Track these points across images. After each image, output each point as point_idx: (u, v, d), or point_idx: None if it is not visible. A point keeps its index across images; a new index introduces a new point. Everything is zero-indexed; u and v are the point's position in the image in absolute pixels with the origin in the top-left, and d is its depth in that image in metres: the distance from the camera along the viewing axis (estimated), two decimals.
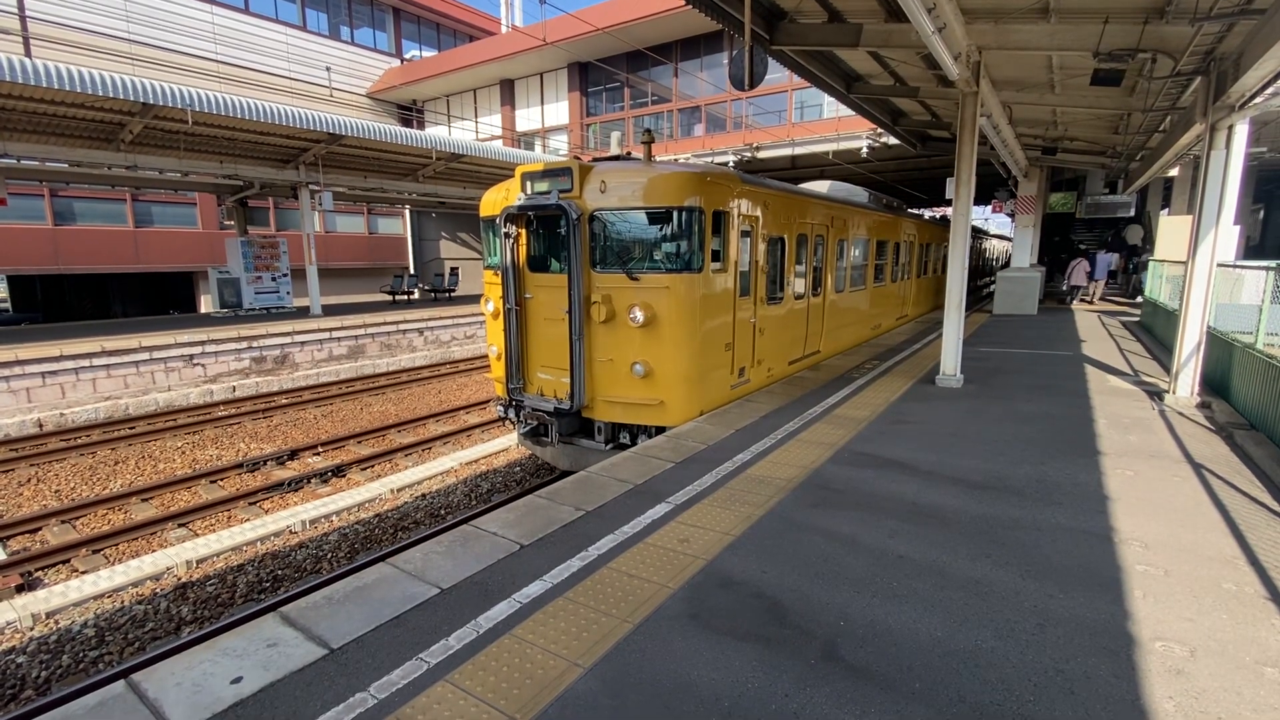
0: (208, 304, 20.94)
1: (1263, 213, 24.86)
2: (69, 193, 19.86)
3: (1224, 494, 4.52)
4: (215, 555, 6.24)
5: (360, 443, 9.95)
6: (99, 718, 2.43)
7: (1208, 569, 3.45)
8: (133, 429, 10.44)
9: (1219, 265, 6.94)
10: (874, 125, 14.70)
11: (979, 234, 25.77)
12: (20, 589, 5.68)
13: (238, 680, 2.60)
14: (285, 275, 18.95)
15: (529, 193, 6.68)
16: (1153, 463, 5.16)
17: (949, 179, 11.11)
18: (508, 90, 28.62)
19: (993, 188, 21.34)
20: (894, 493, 4.54)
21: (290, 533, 6.81)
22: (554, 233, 6.72)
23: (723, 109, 23.54)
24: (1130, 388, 7.94)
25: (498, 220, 6.82)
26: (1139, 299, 20.50)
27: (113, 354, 11.54)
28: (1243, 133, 6.58)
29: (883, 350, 10.95)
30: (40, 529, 6.92)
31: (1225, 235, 6.75)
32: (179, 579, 5.88)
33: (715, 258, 6.52)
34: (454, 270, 24.70)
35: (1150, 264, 14.64)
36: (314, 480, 8.29)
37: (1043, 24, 6.56)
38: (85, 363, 11.22)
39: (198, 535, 6.87)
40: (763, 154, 21.31)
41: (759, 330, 7.59)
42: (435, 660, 2.72)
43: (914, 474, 4.91)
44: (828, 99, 18.22)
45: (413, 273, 27.42)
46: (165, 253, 22.37)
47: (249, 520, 7.11)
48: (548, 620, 3.01)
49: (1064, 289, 21.20)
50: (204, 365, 12.83)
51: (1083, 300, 20.13)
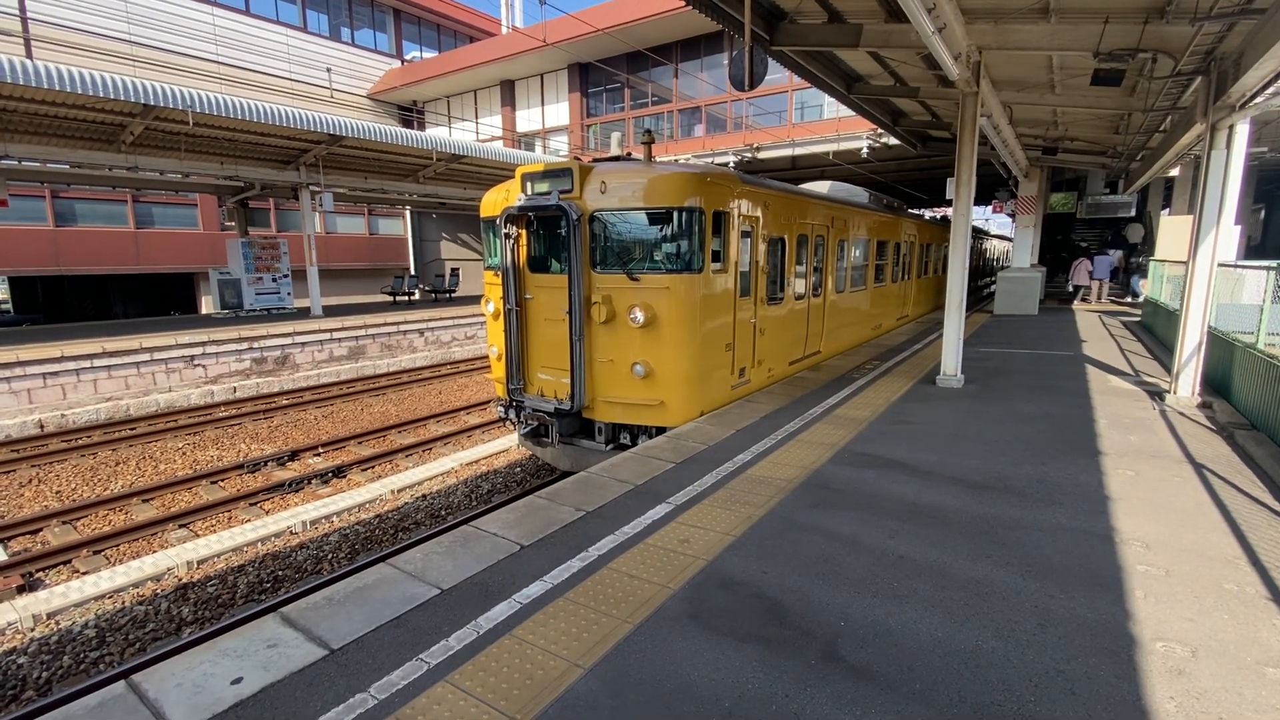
0: (208, 305, 20.98)
1: (1263, 213, 24.85)
2: (70, 194, 19.87)
3: (1225, 494, 4.51)
4: (216, 556, 6.24)
5: (361, 443, 9.96)
6: (99, 718, 2.43)
7: (1209, 569, 3.45)
8: (134, 430, 10.45)
9: (1220, 265, 6.94)
10: (874, 126, 14.69)
11: (979, 234, 25.77)
12: (21, 590, 5.68)
13: (238, 681, 2.60)
14: (286, 276, 18.96)
15: (529, 193, 6.69)
16: (1154, 463, 5.15)
17: (949, 179, 11.11)
18: (508, 91, 28.64)
19: (993, 188, 21.34)
20: (894, 493, 4.53)
21: (291, 533, 6.81)
22: (554, 233, 6.72)
23: (723, 109, 23.55)
24: (1131, 388, 7.94)
25: (498, 221, 6.82)
26: (1129, 299, 20.54)
27: (114, 355, 11.54)
28: (1243, 133, 6.58)
29: (883, 350, 10.95)
30: (41, 530, 6.93)
31: (1226, 235, 6.74)
32: (180, 580, 5.89)
33: (715, 258, 6.52)
34: (454, 271, 24.72)
35: (1151, 264, 14.63)
36: (314, 481, 8.30)
37: (1043, 24, 6.56)
38: (86, 364, 11.23)
39: (198, 536, 6.88)
40: (763, 154, 21.31)
41: (759, 331, 7.59)
42: (435, 661, 2.72)
43: (914, 474, 4.91)
44: (828, 99, 18.22)
45: (413, 273, 27.43)
46: (166, 254, 22.39)
47: (249, 521, 7.11)
48: (548, 621, 3.01)
49: (1068, 289, 21.18)
50: (205, 366, 12.84)
51: (1084, 300, 20.11)
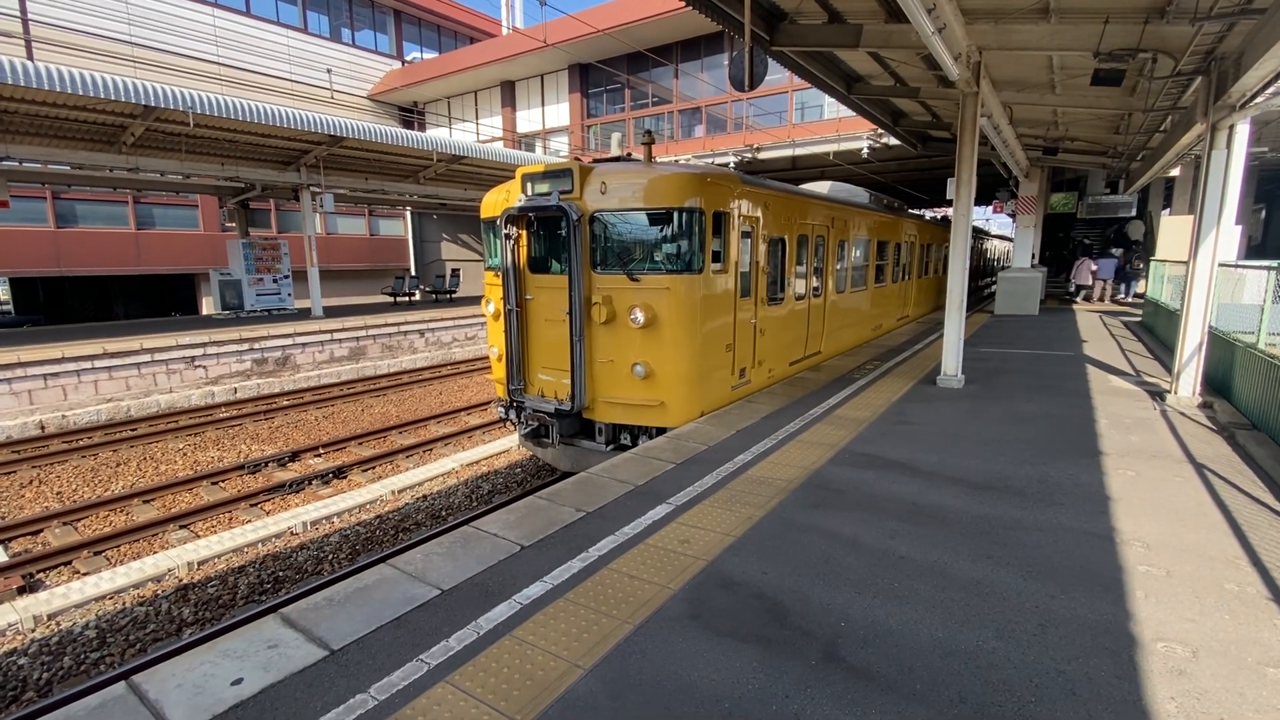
0: (209, 306, 20.99)
1: (1264, 212, 24.83)
2: (71, 195, 19.89)
3: (1226, 494, 4.51)
4: (216, 557, 6.24)
5: (361, 444, 9.96)
6: (100, 719, 2.43)
7: (1210, 569, 3.44)
8: (134, 431, 10.45)
9: (1220, 265, 6.93)
10: (874, 126, 14.69)
11: (980, 234, 25.75)
12: (22, 591, 5.68)
13: (238, 682, 2.60)
14: (287, 277, 18.98)
15: (529, 194, 6.69)
16: (1154, 463, 5.15)
17: (950, 179, 11.12)
18: (508, 92, 28.65)
19: (994, 188, 21.33)
20: (895, 493, 4.53)
21: (291, 534, 6.81)
22: (554, 234, 6.72)
23: (723, 110, 23.54)
24: (1132, 388, 7.93)
25: (498, 221, 6.83)
26: (1123, 298, 20.52)
27: (114, 356, 11.55)
28: (1244, 132, 6.57)
29: (884, 351, 10.94)
30: (42, 531, 6.93)
31: (1226, 235, 6.74)
32: (180, 580, 5.89)
33: (716, 258, 6.52)
34: (455, 272, 24.72)
35: (1152, 264, 14.62)
36: (315, 482, 8.30)
37: (1043, 24, 6.56)
38: (87, 365, 11.24)
39: (199, 537, 6.88)
40: (763, 155, 21.31)
41: (760, 331, 7.59)
42: (436, 661, 2.72)
43: (915, 474, 4.90)
44: (828, 100, 18.21)
45: (414, 274, 27.46)
46: (167, 255, 22.41)
47: (250, 522, 7.11)
48: (548, 621, 3.01)
49: (1070, 289, 21.16)
50: (205, 367, 12.84)
51: (1087, 300, 20.07)
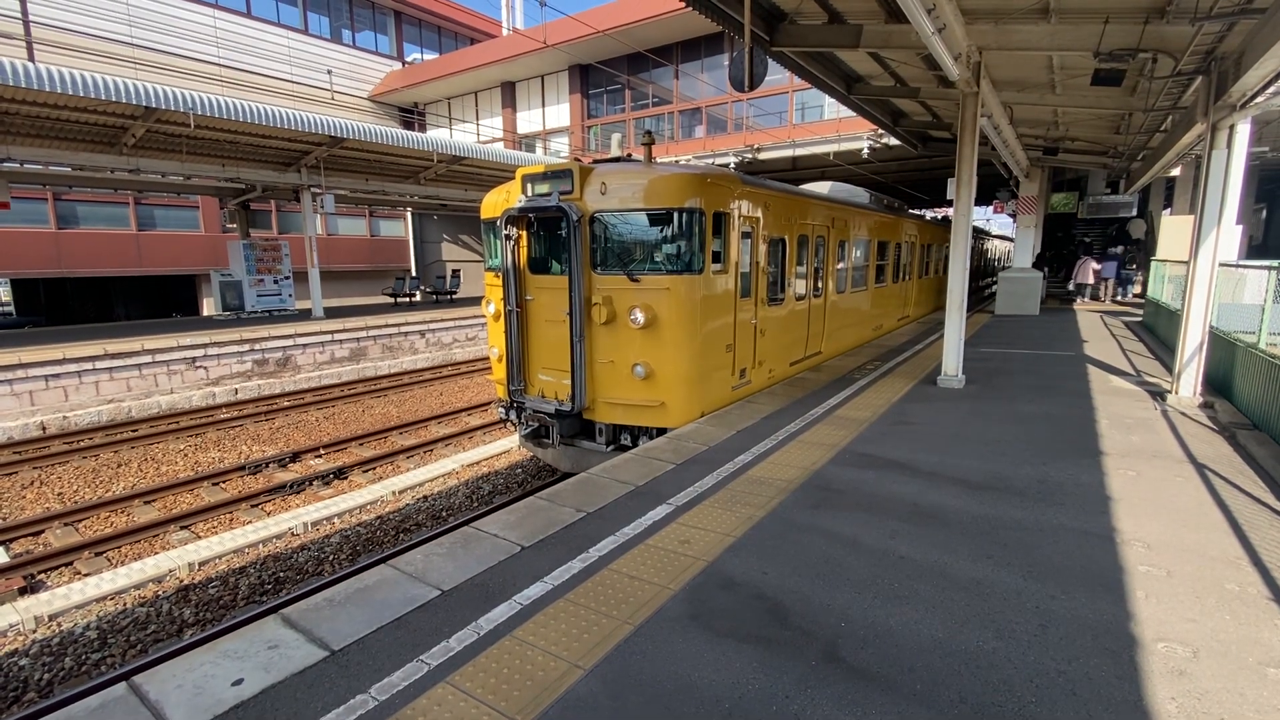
0: (210, 307, 21.01)
1: (1265, 212, 24.81)
2: (72, 196, 19.91)
3: (1227, 494, 4.50)
4: (217, 557, 6.25)
5: (362, 445, 9.97)
6: (101, 719, 2.43)
7: (1211, 570, 3.44)
8: (135, 432, 10.47)
9: (1221, 265, 6.93)
10: (875, 126, 14.68)
11: (980, 234, 25.74)
12: (23, 591, 5.69)
13: (239, 682, 2.60)
14: (287, 278, 18.98)
15: (529, 195, 6.69)
16: (1155, 463, 5.15)
17: (950, 180, 11.12)
18: (509, 92, 28.66)
19: (994, 188, 21.32)
20: (895, 494, 4.53)
21: (292, 535, 6.82)
22: (555, 234, 6.73)
23: (724, 110, 23.54)
24: (1132, 388, 7.92)
25: (498, 222, 6.83)
26: (1120, 297, 20.52)
27: (115, 357, 11.56)
28: (1244, 132, 6.57)
29: (884, 351, 10.94)
30: (43, 532, 6.94)
31: (1227, 235, 6.73)
32: (181, 581, 5.90)
33: (716, 259, 6.52)
34: (455, 272, 24.73)
35: (1153, 264, 14.61)
36: (316, 482, 8.30)
37: (1043, 24, 6.56)
38: (88, 366, 11.25)
39: (200, 538, 6.88)
40: (764, 155, 21.31)
41: (760, 331, 7.59)
42: (436, 662, 2.72)
43: (915, 475, 4.90)
44: (828, 100, 18.20)
45: (414, 275, 27.46)
46: (168, 256, 22.43)
47: (251, 522, 7.12)
48: (548, 622, 3.01)
49: (1070, 288, 21.16)
50: (206, 368, 12.85)
51: (1094, 299, 20.03)
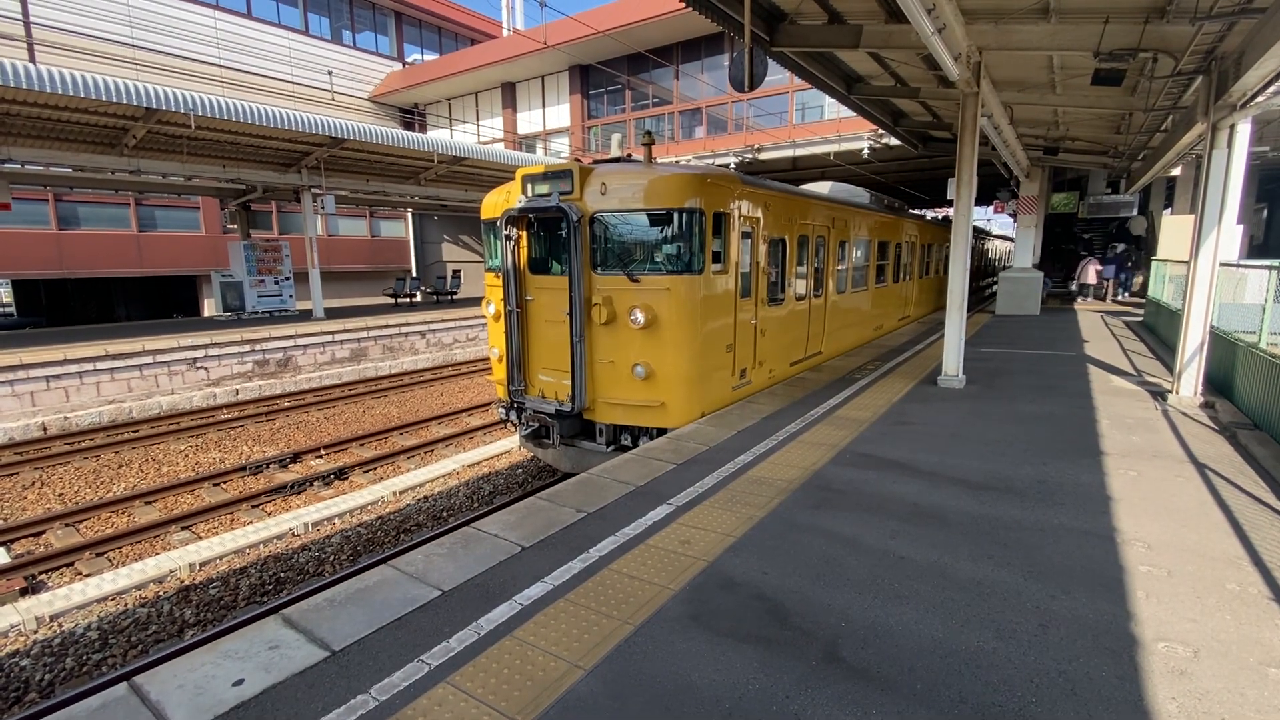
0: (211, 307, 21.01)
1: (1266, 212, 24.78)
2: (73, 197, 19.93)
3: (1228, 494, 4.50)
4: (218, 558, 6.25)
5: (363, 445, 9.97)
6: None
7: (1211, 570, 3.44)
8: (136, 432, 10.47)
9: (1222, 265, 6.92)
10: (875, 126, 14.68)
11: (981, 234, 25.73)
12: (24, 592, 5.69)
13: (239, 682, 2.60)
14: (288, 278, 19.00)
15: (529, 195, 6.69)
16: (1156, 463, 5.14)
17: (950, 180, 11.11)
18: (509, 93, 28.67)
19: (994, 188, 21.30)
20: (896, 494, 4.53)
21: (293, 535, 6.82)
22: (555, 235, 6.73)
23: (724, 111, 23.53)
24: (1133, 388, 7.92)
25: (498, 222, 6.83)
26: (1119, 295, 20.53)
27: (116, 358, 11.57)
28: (1245, 132, 6.57)
29: (885, 351, 10.94)
30: (44, 532, 6.94)
31: (1228, 235, 6.73)
32: (182, 581, 5.90)
33: (716, 259, 6.52)
34: (456, 273, 24.75)
35: (1153, 264, 14.60)
36: (316, 483, 8.31)
37: (1043, 24, 6.56)
38: (89, 366, 11.26)
39: (201, 538, 6.88)
40: (764, 155, 21.30)
41: (760, 331, 7.59)
42: (436, 662, 2.72)
43: (916, 475, 4.90)
44: (829, 100, 18.20)
45: (415, 275, 27.48)
46: (168, 256, 22.45)
47: (252, 523, 7.12)
48: (549, 622, 3.01)
49: (1073, 288, 21.19)
50: (207, 369, 12.86)
51: (1098, 299, 20.03)
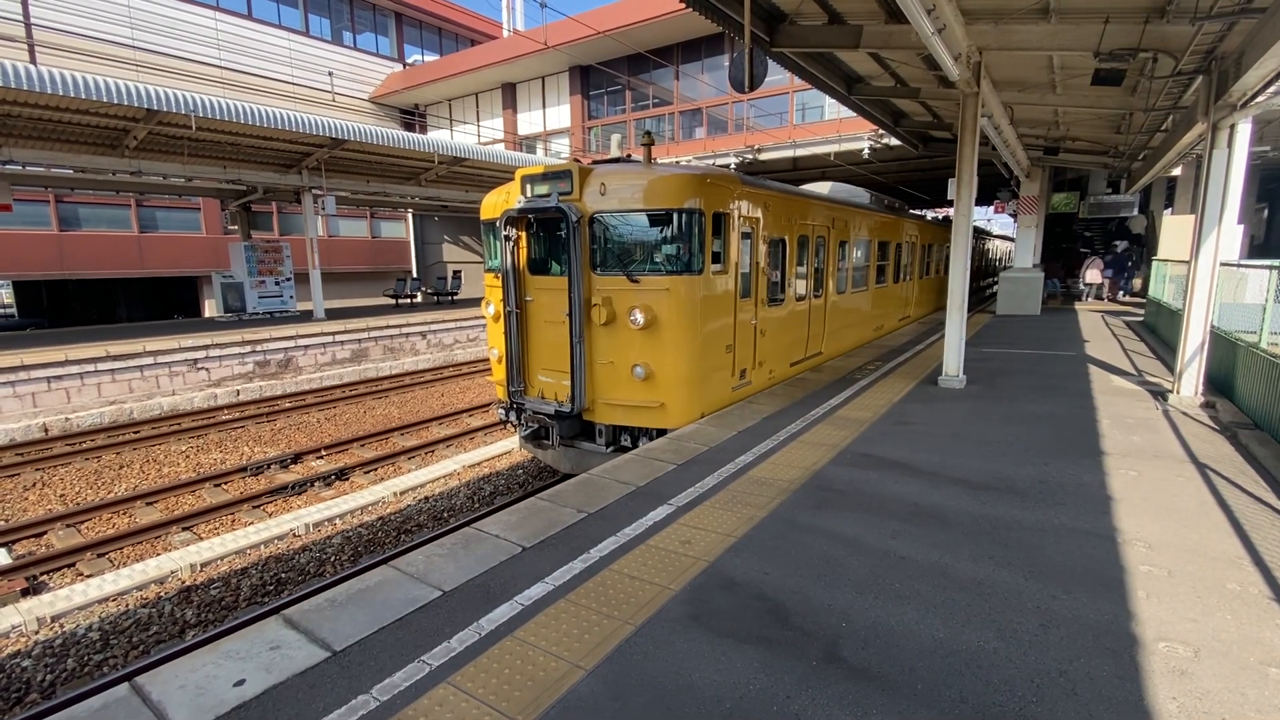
0: (212, 308, 21.03)
1: (1267, 211, 24.76)
2: (74, 198, 19.96)
3: (1228, 494, 4.50)
4: (219, 558, 6.26)
5: (363, 446, 9.98)
6: None
7: (1212, 569, 3.44)
8: (137, 433, 10.48)
9: (1222, 264, 6.92)
10: (875, 126, 14.68)
11: (981, 234, 25.72)
12: (25, 593, 5.69)
13: (241, 683, 2.61)
14: (289, 279, 19.01)
15: (529, 195, 6.69)
16: (1156, 463, 5.14)
17: (951, 180, 11.10)
18: (509, 94, 28.68)
19: (995, 188, 21.29)
20: (896, 494, 4.53)
21: (294, 536, 6.82)
22: (554, 235, 6.73)
23: (724, 111, 23.54)
24: (1134, 388, 7.92)
25: (498, 223, 6.83)
26: (1118, 295, 20.53)
27: (117, 359, 11.58)
28: (1245, 132, 6.56)
29: (885, 351, 10.94)
30: (45, 533, 6.95)
31: (1228, 234, 6.73)
32: (183, 582, 5.91)
33: (716, 259, 6.52)
34: (456, 273, 24.76)
35: (1154, 264, 14.59)
36: (317, 483, 8.31)
37: (1043, 24, 6.56)
38: (90, 367, 11.27)
39: (202, 539, 6.89)
40: (764, 156, 21.31)
41: (760, 332, 7.59)
42: (437, 662, 2.72)
43: (916, 475, 4.90)
44: (829, 101, 18.21)
45: (415, 276, 27.50)
46: (169, 257, 22.48)
47: (253, 524, 7.12)
48: (550, 622, 3.01)
49: (1081, 286, 21.23)
50: (208, 369, 12.87)
51: (1097, 299, 20.04)
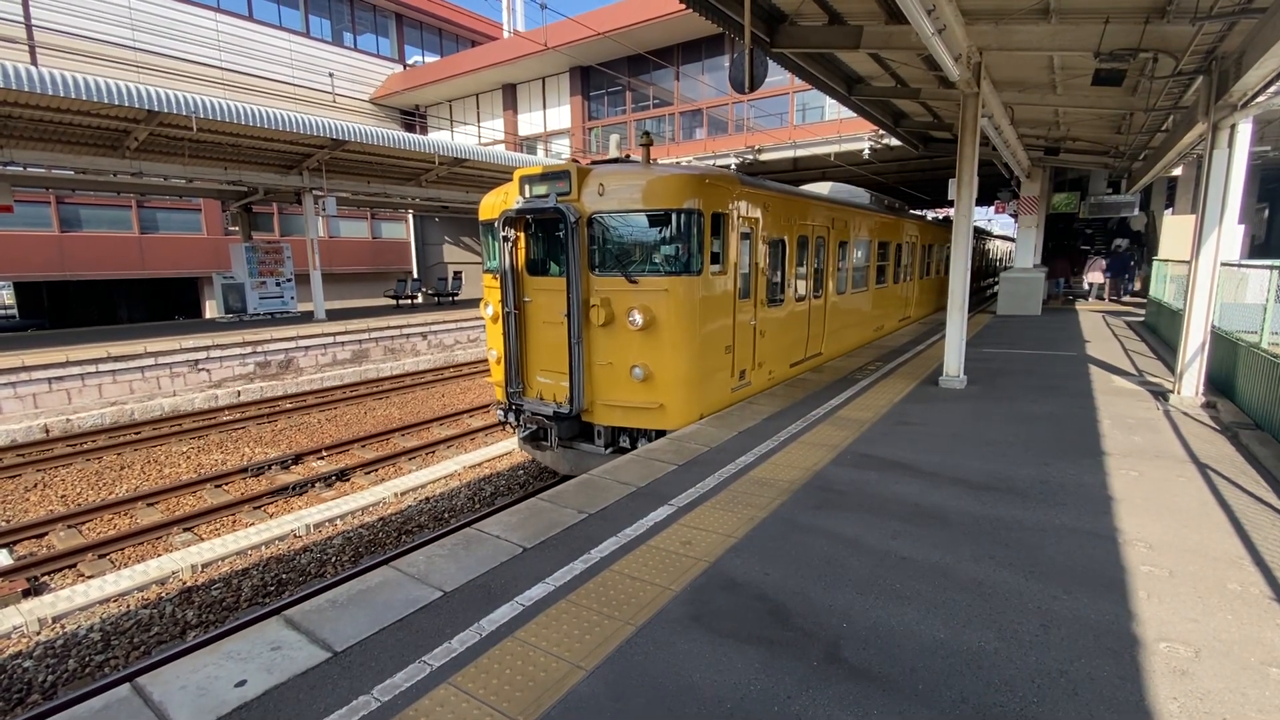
0: (213, 309, 21.07)
1: (1268, 211, 24.73)
2: (75, 199, 20.00)
3: (1229, 494, 4.50)
4: (220, 559, 6.26)
5: (364, 446, 9.98)
6: None
7: (1213, 569, 3.44)
8: (138, 434, 10.49)
9: (1223, 265, 6.92)
10: (876, 127, 14.67)
11: (982, 234, 25.71)
12: (27, 594, 5.70)
13: (242, 683, 2.61)
14: (289, 280, 19.02)
15: (527, 196, 6.67)
16: (1157, 463, 5.14)
17: (951, 180, 11.10)
18: (510, 95, 28.70)
19: (995, 188, 21.29)
20: (897, 494, 4.53)
21: (295, 536, 6.83)
22: (552, 236, 6.72)
23: (724, 112, 23.54)
24: (1135, 388, 7.91)
25: (496, 224, 6.82)
26: (1117, 295, 20.52)
27: (118, 360, 11.59)
28: (1245, 132, 6.56)
29: (885, 352, 10.94)
30: (46, 534, 6.96)
31: (1229, 234, 6.73)
32: (184, 583, 5.91)
33: (715, 260, 6.52)
34: (457, 274, 24.79)
35: (1155, 264, 14.58)
36: (318, 484, 8.32)
37: (1043, 24, 6.56)
38: (91, 368, 11.28)
39: (203, 539, 6.89)
40: (764, 156, 21.32)
41: (759, 332, 7.58)
42: (438, 663, 2.72)
43: (917, 475, 4.90)
44: (829, 101, 18.21)
45: (416, 277, 27.51)
46: (170, 258, 22.51)
47: (254, 524, 7.13)
48: (550, 623, 3.01)
49: (1085, 285, 21.23)
50: (209, 370, 12.88)
51: (1099, 298, 20.03)
